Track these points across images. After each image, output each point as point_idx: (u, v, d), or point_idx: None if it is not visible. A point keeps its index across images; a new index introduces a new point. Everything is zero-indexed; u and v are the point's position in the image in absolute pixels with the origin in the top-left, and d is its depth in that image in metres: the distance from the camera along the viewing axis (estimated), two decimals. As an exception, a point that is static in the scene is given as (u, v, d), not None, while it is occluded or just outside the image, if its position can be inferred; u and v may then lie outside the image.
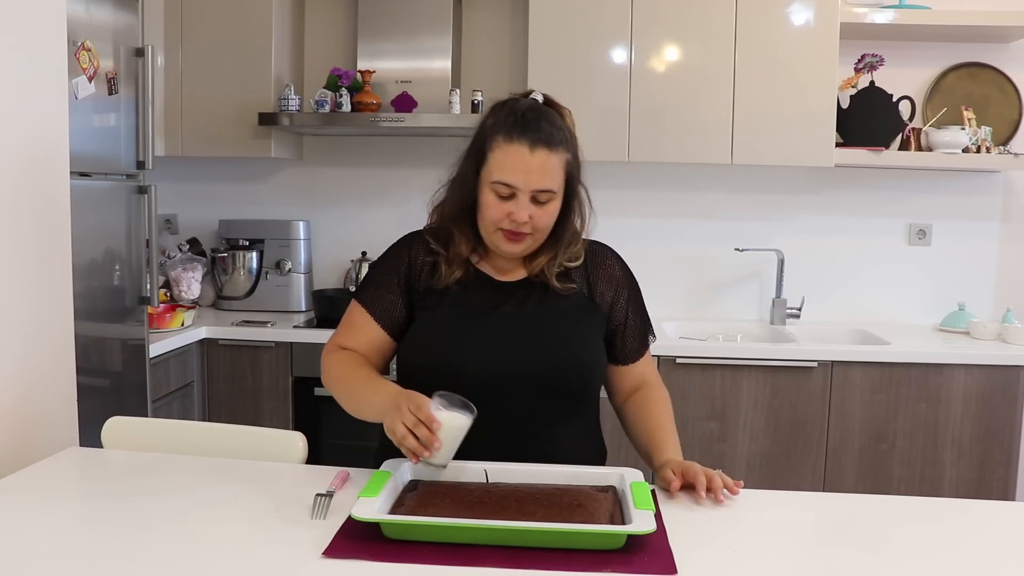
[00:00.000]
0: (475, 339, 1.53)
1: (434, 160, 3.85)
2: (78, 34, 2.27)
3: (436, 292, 1.57)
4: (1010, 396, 2.89)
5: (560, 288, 1.57)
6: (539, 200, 1.49)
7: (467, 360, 1.50)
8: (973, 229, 3.43)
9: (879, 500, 1.56)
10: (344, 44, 3.48)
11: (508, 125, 1.49)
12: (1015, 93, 3.33)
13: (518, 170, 1.47)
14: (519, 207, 1.48)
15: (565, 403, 1.56)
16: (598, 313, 1.61)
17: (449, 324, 1.55)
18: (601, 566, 1.13)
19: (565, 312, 1.57)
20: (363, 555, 1.15)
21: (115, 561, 1.15)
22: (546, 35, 3.13)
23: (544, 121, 1.49)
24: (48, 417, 1.93)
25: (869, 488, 2.89)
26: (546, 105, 1.54)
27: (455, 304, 1.56)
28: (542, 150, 1.47)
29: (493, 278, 1.60)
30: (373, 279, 1.63)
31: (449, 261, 1.58)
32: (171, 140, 3.27)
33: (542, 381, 1.52)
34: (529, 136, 1.47)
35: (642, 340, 1.67)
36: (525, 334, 1.54)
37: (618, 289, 1.63)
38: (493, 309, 1.56)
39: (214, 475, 1.50)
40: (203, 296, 3.51)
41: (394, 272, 1.61)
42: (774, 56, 3.06)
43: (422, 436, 1.31)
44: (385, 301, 1.60)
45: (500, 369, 1.50)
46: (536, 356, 1.52)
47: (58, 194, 2.00)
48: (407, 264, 1.61)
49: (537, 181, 1.48)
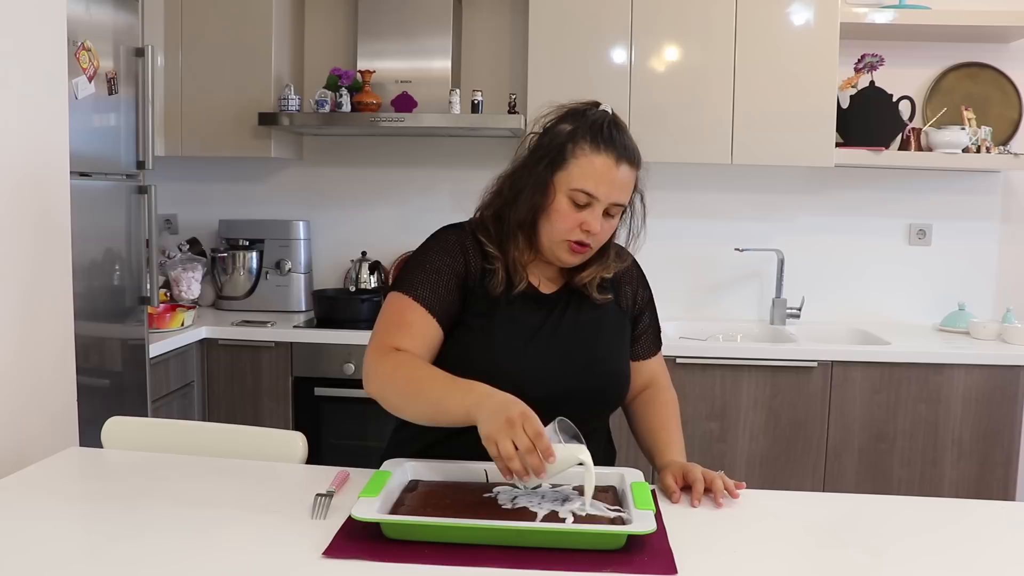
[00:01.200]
0: (527, 357, 1.50)
1: (434, 160, 3.84)
2: (78, 34, 2.27)
3: (489, 300, 1.52)
4: (1010, 396, 2.89)
5: (598, 299, 1.59)
6: (610, 213, 1.50)
7: (519, 378, 1.43)
8: (973, 229, 3.43)
9: (879, 500, 1.56)
10: (344, 44, 3.48)
11: (594, 134, 1.47)
12: (1015, 93, 3.33)
13: (603, 181, 1.46)
14: (594, 218, 1.47)
15: (599, 413, 1.60)
16: (625, 320, 1.64)
17: (504, 338, 1.50)
18: (601, 566, 1.13)
19: (601, 324, 1.59)
20: (363, 555, 1.15)
21: (115, 561, 1.14)
22: (546, 35, 3.13)
23: (626, 136, 1.51)
24: (48, 417, 1.93)
25: (869, 488, 2.89)
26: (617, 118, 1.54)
27: (509, 318, 1.52)
28: (625, 165, 1.48)
29: (537, 288, 1.58)
30: (427, 274, 1.52)
31: (509, 269, 1.53)
32: (171, 140, 3.27)
33: (583, 394, 1.52)
34: (615, 149, 1.47)
35: (655, 339, 1.71)
36: (568, 351, 1.53)
37: (637, 289, 1.67)
38: (541, 323, 1.54)
39: (214, 475, 1.50)
40: (203, 296, 3.52)
41: (451, 270, 1.52)
42: (774, 56, 3.06)
43: (531, 465, 1.22)
44: (444, 299, 1.50)
45: (551, 387, 1.47)
46: (578, 372, 1.53)
47: (58, 194, 2.00)
48: (464, 264, 1.53)
49: (617, 194, 1.49)
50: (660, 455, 1.54)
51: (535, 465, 1.22)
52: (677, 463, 1.48)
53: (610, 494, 1.34)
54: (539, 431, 1.23)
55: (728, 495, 1.39)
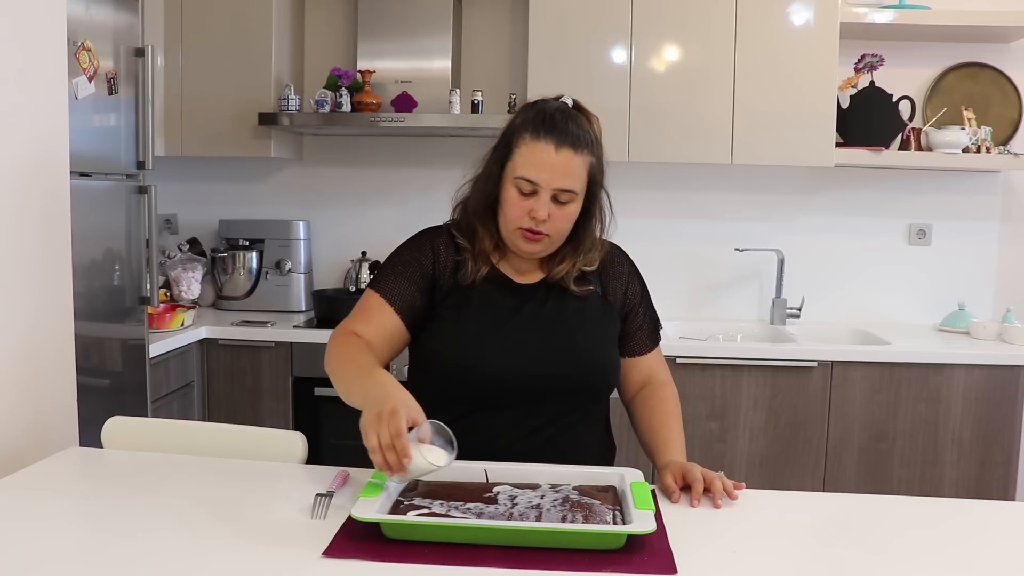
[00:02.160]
0: (501, 342, 1.54)
1: (434, 160, 3.84)
2: (78, 34, 2.27)
3: (461, 290, 1.58)
4: (1010, 396, 2.89)
5: (577, 291, 1.59)
6: (559, 200, 1.51)
7: (494, 364, 1.53)
8: (973, 229, 3.43)
9: (879, 500, 1.56)
10: (344, 44, 3.48)
11: (536, 123, 1.52)
12: (1015, 93, 3.33)
13: (543, 167, 1.49)
14: (540, 204, 1.50)
15: (584, 404, 1.59)
16: (612, 312, 1.64)
17: (477, 326, 1.55)
18: (601, 566, 1.13)
19: (583, 314, 1.59)
20: (363, 555, 1.15)
21: (115, 561, 1.14)
22: (546, 35, 3.13)
23: (572, 123, 1.52)
24: (48, 417, 1.93)
25: (869, 488, 2.89)
26: (575, 109, 1.57)
27: (482, 305, 1.57)
28: (567, 150, 1.49)
29: (512, 279, 1.62)
30: (393, 268, 1.61)
31: (475, 258, 1.59)
32: (171, 140, 3.27)
33: (564, 383, 1.55)
34: (555, 135, 1.50)
35: (651, 334, 1.70)
36: (547, 337, 1.56)
37: (628, 285, 1.67)
38: (516, 311, 1.57)
39: (214, 475, 1.50)
40: (203, 296, 3.52)
41: (417, 264, 1.60)
42: (774, 56, 3.06)
43: (390, 460, 1.24)
44: (404, 290, 1.58)
45: (524, 372, 1.53)
46: (558, 359, 1.55)
47: (58, 194, 2.00)
48: (432, 259, 1.60)
49: (559, 180, 1.50)
50: (660, 455, 1.55)
51: (392, 461, 1.24)
52: (677, 463, 1.48)
53: (610, 494, 1.34)
54: (399, 430, 1.23)
55: (727, 496, 1.39)
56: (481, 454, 1.43)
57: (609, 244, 1.68)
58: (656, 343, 1.71)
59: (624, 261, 1.70)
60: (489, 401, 1.54)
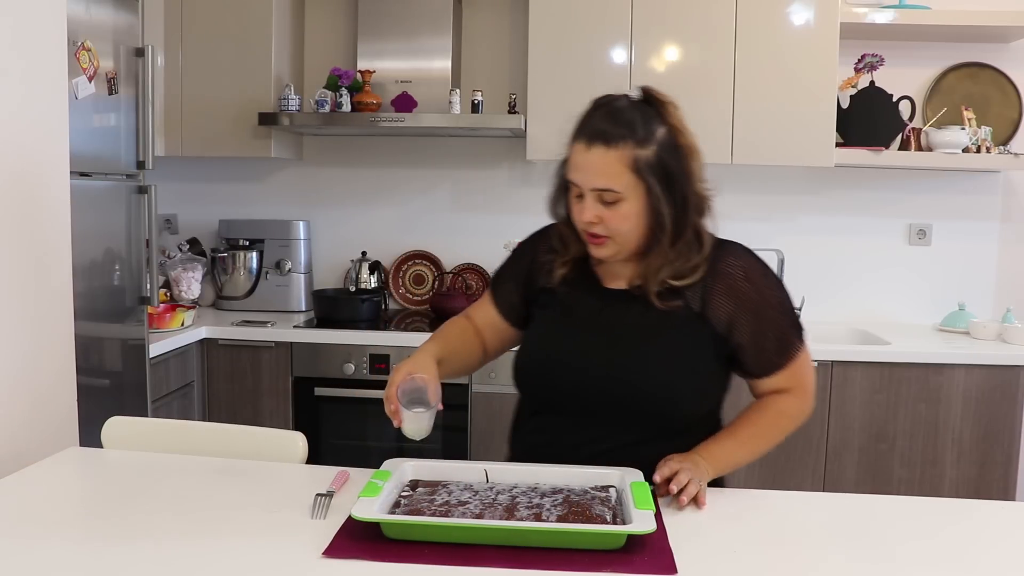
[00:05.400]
0: (564, 346, 1.51)
1: (434, 160, 3.84)
2: (78, 34, 2.27)
3: (549, 291, 1.57)
4: (1010, 396, 2.89)
5: (660, 305, 1.45)
6: (605, 200, 1.41)
7: (551, 367, 1.52)
8: (973, 229, 3.43)
9: (879, 500, 1.56)
10: (344, 44, 3.48)
11: (578, 122, 1.45)
12: (1015, 93, 3.33)
13: (577, 168, 1.43)
14: (583, 206, 1.44)
15: (645, 422, 1.47)
16: (705, 332, 1.47)
17: (548, 328, 1.56)
18: (601, 566, 1.13)
19: (661, 329, 1.47)
20: (363, 555, 1.15)
21: (115, 561, 1.14)
22: (546, 35, 3.12)
23: (610, 118, 1.41)
24: (48, 417, 1.93)
25: (869, 488, 2.89)
26: (644, 101, 1.44)
27: (562, 308, 1.55)
28: (599, 147, 1.40)
29: (601, 283, 1.55)
30: (504, 265, 1.67)
31: (562, 260, 1.55)
32: (171, 140, 3.27)
33: (617, 397, 1.46)
34: (586, 133, 1.42)
35: (777, 354, 1.49)
36: (612, 347, 1.48)
37: (739, 304, 1.47)
38: (594, 318, 1.51)
39: (214, 475, 1.50)
40: (203, 296, 3.51)
41: (518, 263, 1.64)
42: (774, 56, 3.06)
43: (388, 412, 1.44)
44: (505, 289, 1.64)
45: (577, 379, 1.48)
46: (615, 372, 1.46)
47: (58, 194, 2.00)
48: (531, 259, 1.61)
49: (593, 179, 1.41)
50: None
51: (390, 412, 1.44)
52: (676, 457, 1.42)
53: (610, 494, 1.34)
54: (389, 395, 1.44)
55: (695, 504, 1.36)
56: (538, 455, 1.46)
57: (731, 249, 1.52)
58: (783, 364, 1.50)
59: (741, 272, 1.48)
60: (552, 404, 1.52)
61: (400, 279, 3.57)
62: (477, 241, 3.49)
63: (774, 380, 1.52)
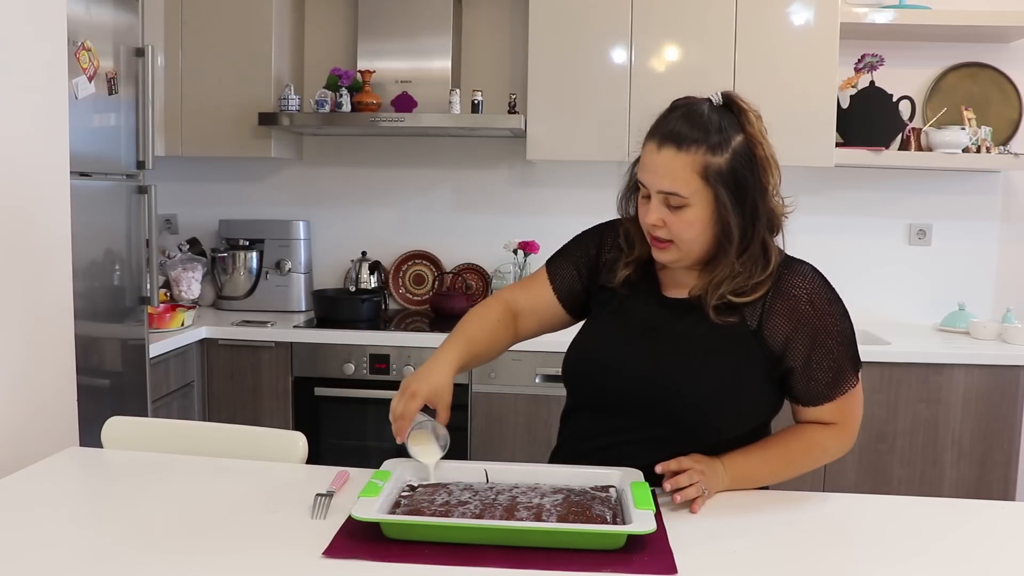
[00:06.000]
0: (611, 349, 1.49)
1: (434, 160, 3.84)
2: (78, 34, 2.27)
3: (609, 289, 1.55)
4: (1010, 396, 2.89)
5: (715, 319, 1.41)
6: (671, 204, 1.38)
7: (593, 367, 1.51)
8: (973, 229, 3.43)
9: (879, 500, 1.56)
10: (344, 44, 3.48)
11: (655, 123, 1.41)
12: (1015, 93, 3.33)
13: (646, 168, 1.40)
14: (649, 208, 1.41)
15: (688, 437, 1.42)
16: (759, 351, 1.42)
17: (599, 328, 1.55)
18: (601, 566, 1.13)
19: (710, 344, 1.42)
20: (363, 555, 1.15)
21: (115, 561, 1.14)
22: (546, 35, 3.12)
23: (685, 121, 1.37)
24: (48, 417, 1.93)
25: (869, 488, 2.89)
26: (724, 107, 1.40)
27: (617, 309, 1.53)
28: (669, 149, 1.36)
29: (661, 289, 1.52)
30: (565, 249, 1.63)
31: (626, 261, 1.53)
32: (171, 140, 3.27)
33: (662, 410, 1.43)
34: (659, 134, 1.38)
35: (829, 386, 1.44)
36: (657, 357, 1.45)
37: (797, 327, 1.42)
38: (645, 323, 1.49)
39: (214, 475, 1.50)
40: (203, 296, 3.51)
41: (585, 251, 1.59)
42: (774, 56, 3.06)
43: (394, 430, 1.40)
44: (568, 273, 1.59)
45: (631, 391, 1.45)
46: (656, 382, 1.44)
47: (58, 194, 2.00)
48: (597, 248, 1.59)
49: (659, 181, 1.37)
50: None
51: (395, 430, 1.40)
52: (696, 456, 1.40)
53: (610, 494, 1.34)
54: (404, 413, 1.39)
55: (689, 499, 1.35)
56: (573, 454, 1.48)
57: (796, 268, 1.47)
58: (833, 397, 1.44)
59: (804, 294, 1.43)
60: (595, 404, 1.51)
61: (400, 279, 3.57)
62: (477, 241, 3.49)
63: (820, 411, 1.46)
